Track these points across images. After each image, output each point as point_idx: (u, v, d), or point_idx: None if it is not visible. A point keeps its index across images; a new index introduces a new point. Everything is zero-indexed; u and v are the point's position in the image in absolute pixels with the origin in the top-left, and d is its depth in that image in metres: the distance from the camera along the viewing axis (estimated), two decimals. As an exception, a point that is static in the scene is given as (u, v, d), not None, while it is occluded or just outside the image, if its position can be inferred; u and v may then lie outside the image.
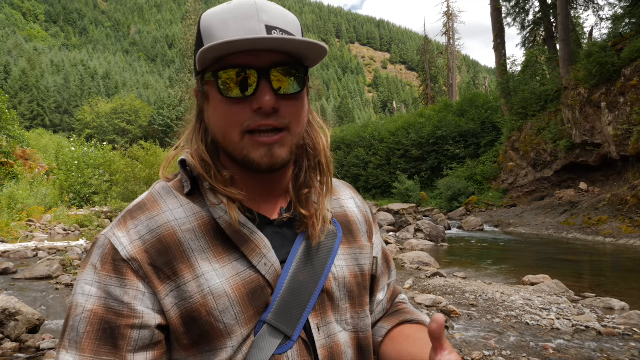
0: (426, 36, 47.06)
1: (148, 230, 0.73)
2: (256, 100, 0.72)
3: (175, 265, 0.72)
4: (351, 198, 0.96)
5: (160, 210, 0.76)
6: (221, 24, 0.72)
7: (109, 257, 0.71)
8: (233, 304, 0.72)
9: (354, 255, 0.87)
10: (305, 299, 0.77)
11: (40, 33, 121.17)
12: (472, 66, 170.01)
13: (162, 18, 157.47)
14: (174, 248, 0.72)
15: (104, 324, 0.69)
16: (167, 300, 0.71)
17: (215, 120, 0.76)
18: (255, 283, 0.74)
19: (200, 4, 56.99)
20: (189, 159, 0.78)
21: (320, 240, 0.82)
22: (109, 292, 0.70)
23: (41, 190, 16.54)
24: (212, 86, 0.75)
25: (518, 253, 10.21)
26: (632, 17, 14.35)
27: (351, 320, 0.84)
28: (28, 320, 4.26)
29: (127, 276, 0.70)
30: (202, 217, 0.76)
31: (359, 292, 0.86)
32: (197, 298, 0.71)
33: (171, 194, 0.79)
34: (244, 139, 0.74)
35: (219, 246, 0.75)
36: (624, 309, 5.02)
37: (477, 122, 25.51)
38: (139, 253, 0.71)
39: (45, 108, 65.59)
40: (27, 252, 8.67)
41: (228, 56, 0.71)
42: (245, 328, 0.72)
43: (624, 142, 13.19)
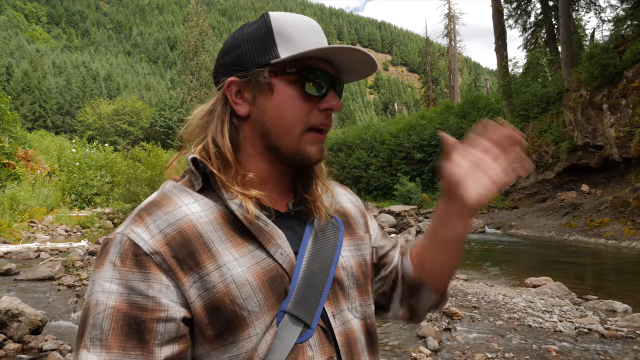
0: (427, 38, 47.09)
1: (167, 224, 0.74)
2: (327, 101, 0.82)
3: (197, 257, 0.73)
4: (344, 195, 1.01)
5: (176, 205, 0.77)
6: (299, 32, 0.81)
7: (129, 253, 0.71)
8: (255, 292, 0.73)
9: (357, 246, 0.92)
10: (320, 288, 0.80)
11: (42, 35, 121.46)
12: (474, 68, 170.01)
13: (164, 20, 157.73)
14: (195, 240, 0.73)
15: (128, 319, 0.69)
16: (191, 292, 0.71)
17: (283, 112, 0.81)
18: (274, 271, 0.76)
19: (202, 5, 57.10)
20: (200, 158, 0.80)
21: (326, 231, 0.87)
22: (132, 287, 0.70)
23: (43, 191, 16.58)
24: (285, 80, 0.81)
25: (520, 255, 10.20)
26: (634, 19, 14.35)
27: (360, 307, 0.88)
28: (31, 321, 4.26)
29: (151, 270, 0.71)
30: (218, 210, 0.78)
31: (364, 281, 0.90)
32: (220, 287, 0.72)
33: (184, 191, 0.80)
34: (304, 134, 0.81)
35: (237, 237, 0.77)
36: (627, 311, 5.01)
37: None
38: (161, 246, 0.72)
39: (47, 109, 65.72)
40: (29, 253, 8.69)
41: (307, 59, 0.80)
42: (268, 315, 0.74)
43: (626, 144, 13.17)
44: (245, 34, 0.83)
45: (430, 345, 3.85)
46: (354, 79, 0.89)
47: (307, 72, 0.80)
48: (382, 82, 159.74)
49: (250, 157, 0.83)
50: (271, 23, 0.81)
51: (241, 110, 0.82)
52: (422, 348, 3.80)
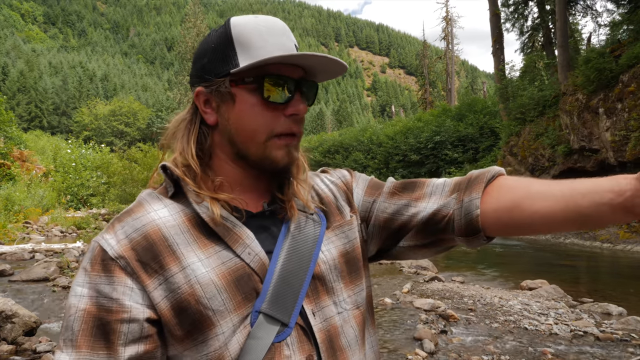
0: (425, 41, 47.22)
1: (133, 230, 0.77)
2: (292, 107, 0.81)
3: (162, 259, 0.75)
4: (323, 181, 0.98)
5: (145, 211, 0.80)
6: (259, 36, 0.80)
7: (97, 258, 0.75)
8: (220, 291, 0.74)
9: (343, 233, 0.90)
10: (297, 287, 0.80)
11: (39, 34, 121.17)
12: (471, 71, 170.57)
13: (161, 20, 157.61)
14: (159, 243, 0.76)
15: (97, 321, 0.72)
16: (156, 294, 0.74)
17: (245, 121, 0.81)
18: (240, 271, 0.77)
19: (200, 7, 57.08)
20: (170, 165, 0.82)
21: (305, 227, 0.86)
22: (99, 290, 0.73)
23: (38, 192, 16.51)
24: (245, 89, 0.81)
25: (516, 258, 10.22)
26: (630, 23, 14.43)
27: (349, 298, 0.86)
28: (25, 322, 4.23)
29: (115, 274, 0.74)
30: (186, 214, 0.80)
31: (349, 269, 0.88)
32: (185, 288, 0.74)
33: (156, 197, 0.82)
34: (269, 141, 0.81)
35: (204, 238, 0.78)
36: (622, 314, 5.03)
37: (476, 127, 25.56)
38: (125, 251, 0.75)
39: (43, 110, 65.52)
40: (24, 254, 8.64)
41: (268, 65, 0.79)
42: (234, 314, 0.75)
43: (621, 147, 13.23)
44: (209, 42, 0.83)
45: (427, 348, 3.84)
46: (326, 79, 0.88)
47: (267, 80, 0.79)
48: (379, 85, 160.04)
49: (222, 162, 0.85)
50: (231, 30, 0.81)
51: (210, 119, 0.84)
52: (418, 350, 3.80)
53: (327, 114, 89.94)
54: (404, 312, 4.95)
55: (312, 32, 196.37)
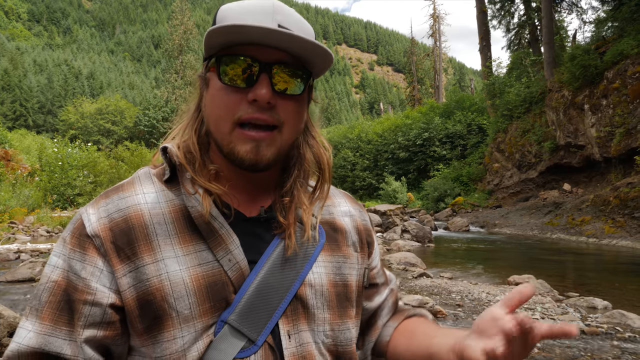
0: (413, 38, 47.41)
1: (116, 209, 0.75)
2: (252, 91, 0.72)
3: (137, 247, 0.72)
4: (345, 207, 0.93)
5: (134, 192, 0.77)
6: (237, 16, 0.74)
7: (76, 232, 0.74)
8: (189, 294, 0.71)
9: (337, 264, 0.84)
10: (275, 304, 0.74)
11: (23, 32, 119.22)
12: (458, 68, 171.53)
13: (148, 18, 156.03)
14: (138, 229, 0.74)
15: (64, 295, 0.71)
16: (123, 280, 0.71)
17: (211, 107, 0.76)
18: (216, 277, 0.72)
19: (187, 3, 56.63)
20: (171, 147, 0.78)
21: (300, 243, 0.80)
22: (71, 265, 0.72)
23: (24, 191, 16.26)
24: (213, 72, 0.76)
25: (503, 253, 10.31)
26: (615, 20, 14.61)
27: (330, 332, 0.80)
28: (9, 323, 4.17)
29: (88, 252, 0.72)
30: (174, 205, 0.76)
31: (338, 303, 0.82)
32: (153, 281, 0.71)
33: (150, 179, 0.80)
34: (233, 131, 0.74)
35: (187, 234, 0.74)
36: (607, 308, 5.10)
37: (464, 124, 25.74)
38: (102, 230, 0.73)
39: (28, 108, 64.54)
40: (9, 255, 8.51)
41: (236, 46, 0.72)
42: (198, 321, 0.70)
43: (606, 143, 13.41)
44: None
45: None
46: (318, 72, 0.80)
47: (223, 59, 0.73)
48: (367, 82, 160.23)
49: (215, 153, 0.81)
50: (216, 16, 0.78)
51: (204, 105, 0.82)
52: None
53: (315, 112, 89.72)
54: (392, 309, 4.97)
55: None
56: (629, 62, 12.59)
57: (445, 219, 17.73)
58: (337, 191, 0.96)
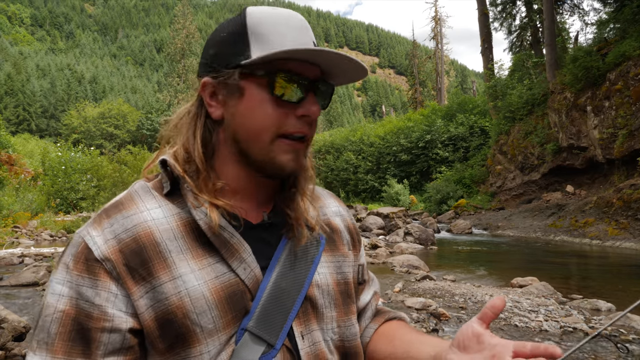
0: (414, 41, 47.48)
1: (123, 229, 0.71)
2: (303, 107, 0.75)
3: (151, 266, 0.70)
4: (335, 207, 0.96)
5: (138, 209, 0.74)
6: (275, 29, 0.74)
7: (81, 257, 0.69)
8: (211, 307, 0.70)
9: (337, 263, 0.87)
10: (288, 306, 0.76)
11: (26, 37, 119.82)
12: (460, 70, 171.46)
13: (150, 22, 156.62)
14: (150, 248, 0.70)
15: (76, 325, 0.67)
16: (141, 302, 0.69)
17: (251, 117, 0.75)
18: (234, 287, 0.72)
19: (189, 8, 56.85)
20: (170, 160, 0.76)
21: (303, 245, 0.82)
22: (81, 292, 0.68)
23: (27, 196, 16.33)
24: (255, 83, 0.75)
25: (506, 255, 10.29)
26: (617, 22, 14.60)
27: (337, 329, 0.83)
28: (14, 327, 4.19)
29: (100, 277, 0.68)
30: (181, 218, 0.74)
31: (343, 301, 0.86)
32: (173, 300, 0.69)
33: (149, 193, 0.76)
34: (275, 142, 0.75)
35: (199, 248, 0.73)
36: (610, 310, 5.08)
37: (466, 126, 25.72)
38: (113, 253, 0.69)
39: (32, 113, 64.84)
40: (13, 259, 8.54)
41: (282, 61, 0.73)
42: (223, 333, 0.70)
43: (609, 145, 13.38)
44: (221, 31, 0.78)
45: None
46: (344, 82, 0.83)
47: (280, 75, 0.73)
48: (369, 85, 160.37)
49: (224, 162, 0.79)
50: (246, 20, 0.75)
51: (215, 113, 0.78)
52: None
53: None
54: (395, 311, 4.97)
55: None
56: (631, 63, 12.57)
57: (448, 222, 17.70)
58: (323, 191, 0.98)
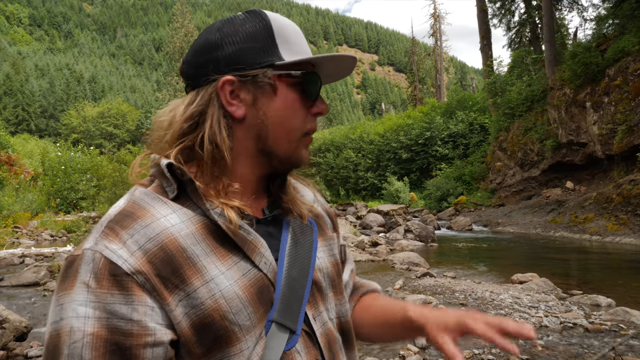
0: (414, 38, 47.38)
1: (147, 239, 0.68)
2: (318, 106, 0.82)
3: (182, 273, 0.68)
4: (310, 195, 0.99)
5: (153, 216, 0.71)
6: (295, 36, 0.81)
7: (105, 273, 0.64)
8: (245, 305, 0.71)
9: (329, 246, 0.93)
10: (301, 293, 0.79)
11: (25, 37, 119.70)
12: (460, 67, 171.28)
13: (149, 21, 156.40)
14: (178, 255, 0.68)
15: (111, 346, 0.62)
16: (177, 311, 0.66)
17: (286, 116, 0.79)
18: (260, 282, 0.74)
19: (188, 6, 56.76)
20: (177, 164, 0.74)
21: (302, 234, 0.86)
22: (113, 310, 0.63)
23: (27, 196, 16.35)
24: (285, 83, 0.79)
25: (506, 252, 10.31)
26: (615, 18, 14.59)
27: (335, 307, 0.89)
28: (15, 327, 4.20)
29: (134, 291, 0.64)
30: (198, 221, 0.73)
31: (338, 281, 0.91)
32: (209, 303, 0.68)
33: (158, 199, 0.73)
34: (301, 139, 0.82)
35: (221, 248, 0.73)
36: (610, 305, 5.10)
37: (466, 123, 25.71)
38: (143, 265, 0.66)
39: (31, 113, 64.84)
40: (14, 259, 8.55)
41: (305, 63, 0.79)
42: (257, 328, 0.72)
43: (608, 141, 13.39)
44: (239, 30, 0.76)
45: (418, 343, 3.87)
46: (328, 82, 0.90)
47: (310, 76, 0.80)
48: (369, 82, 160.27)
49: (236, 161, 0.79)
50: (271, 23, 0.78)
51: (237, 112, 0.77)
52: (410, 345, 3.83)
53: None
54: (396, 308, 4.98)
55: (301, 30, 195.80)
56: (630, 59, 12.56)
57: (448, 219, 17.72)
58: (298, 179, 1.00)
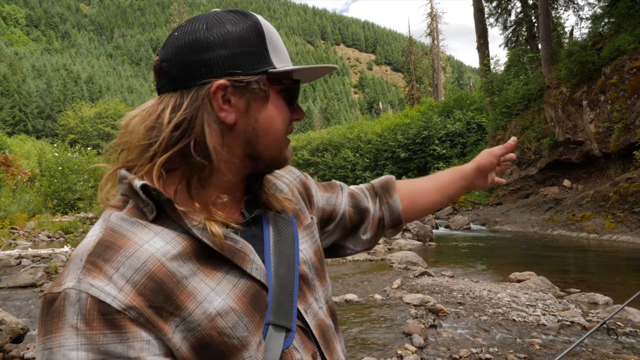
0: (411, 37, 47.40)
1: (134, 271, 0.65)
2: (298, 113, 0.86)
3: (176, 299, 0.66)
4: (281, 184, 0.95)
5: (136, 244, 0.67)
6: (280, 42, 0.82)
7: (93, 313, 0.61)
8: (241, 317, 0.70)
9: (310, 234, 0.93)
10: (291, 290, 0.80)
11: (21, 37, 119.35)
12: (457, 66, 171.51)
13: (146, 21, 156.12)
14: (168, 281, 0.66)
15: None
16: (175, 338, 0.65)
17: (275, 122, 0.81)
18: (252, 289, 0.73)
19: (185, 7, 56.71)
20: (151, 184, 0.71)
21: (282, 230, 0.86)
22: (107, 351, 0.60)
23: (24, 197, 16.30)
24: (275, 91, 0.81)
25: (504, 250, 10.32)
26: (611, 16, 14.63)
27: (322, 294, 0.89)
28: (12, 329, 4.18)
29: (127, 328, 0.62)
30: (182, 240, 0.71)
31: (320, 267, 0.91)
32: (205, 323, 0.67)
33: (136, 224, 0.70)
34: (284, 141, 0.84)
35: (207, 264, 0.71)
36: (608, 303, 5.11)
37: (463, 122, 25.75)
38: (134, 299, 0.63)
39: (28, 113, 64.65)
40: (10, 260, 8.52)
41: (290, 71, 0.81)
42: (256, 335, 0.71)
43: (605, 139, 13.42)
44: (231, 32, 0.74)
45: (416, 342, 3.87)
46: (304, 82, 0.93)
47: (296, 85, 0.83)
48: (366, 82, 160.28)
49: (223, 167, 0.77)
50: (262, 28, 0.76)
51: (229, 118, 0.74)
52: (407, 345, 3.82)
53: (314, 112, 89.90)
54: (393, 308, 4.98)
55: (298, 30, 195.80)
56: (626, 57, 12.60)
57: (446, 217, 17.74)
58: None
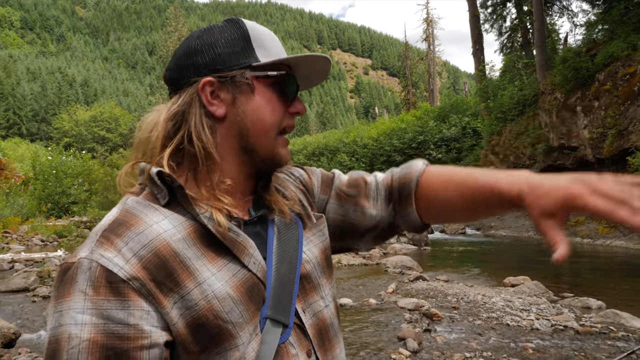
0: (407, 42, 47.67)
1: (141, 246, 0.71)
2: (296, 106, 0.86)
3: (177, 276, 0.71)
4: (287, 181, 0.97)
5: (146, 224, 0.74)
6: (270, 40, 0.85)
7: (101, 280, 0.67)
8: (237, 304, 0.73)
9: (319, 232, 0.94)
10: (291, 288, 0.82)
11: (16, 40, 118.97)
12: (452, 72, 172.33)
13: (142, 24, 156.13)
14: (172, 259, 0.71)
15: (107, 350, 0.65)
16: (173, 313, 0.69)
17: (263, 114, 0.83)
18: (250, 281, 0.77)
19: (181, 10, 56.74)
20: (166, 171, 0.77)
21: (287, 231, 0.88)
22: (109, 316, 0.66)
23: (18, 200, 16.23)
24: (263, 83, 0.83)
25: (499, 255, 10.35)
26: (605, 23, 14.75)
27: (329, 291, 0.91)
28: (3, 334, 4.15)
29: (130, 297, 0.67)
30: (189, 225, 0.76)
31: (327, 265, 0.93)
32: (202, 304, 0.71)
33: (149, 206, 0.76)
34: (277, 138, 0.85)
35: (211, 251, 0.76)
36: (601, 307, 5.13)
37: (458, 127, 25.85)
38: (138, 271, 0.68)
39: (22, 116, 64.34)
40: (3, 265, 8.47)
41: (280, 65, 0.84)
42: (250, 324, 0.75)
43: (599, 145, 13.50)
44: (218, 36, 0.82)
45: (410, 347, 3.87)
46: (307, 87, 0.94)
47: (287, 76, 0.84)
48: (362, 86, 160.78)
49: (223, 159, 0.82)
50: (248, 30, 0.83)
51: (218, 111, 0.81)
52: (401, 349, 3.83)
53: (310, 116, 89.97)
54: (388, 312, 4.99)
55: (294, 34, 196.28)
56: (619, 64, 12.70)
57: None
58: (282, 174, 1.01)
